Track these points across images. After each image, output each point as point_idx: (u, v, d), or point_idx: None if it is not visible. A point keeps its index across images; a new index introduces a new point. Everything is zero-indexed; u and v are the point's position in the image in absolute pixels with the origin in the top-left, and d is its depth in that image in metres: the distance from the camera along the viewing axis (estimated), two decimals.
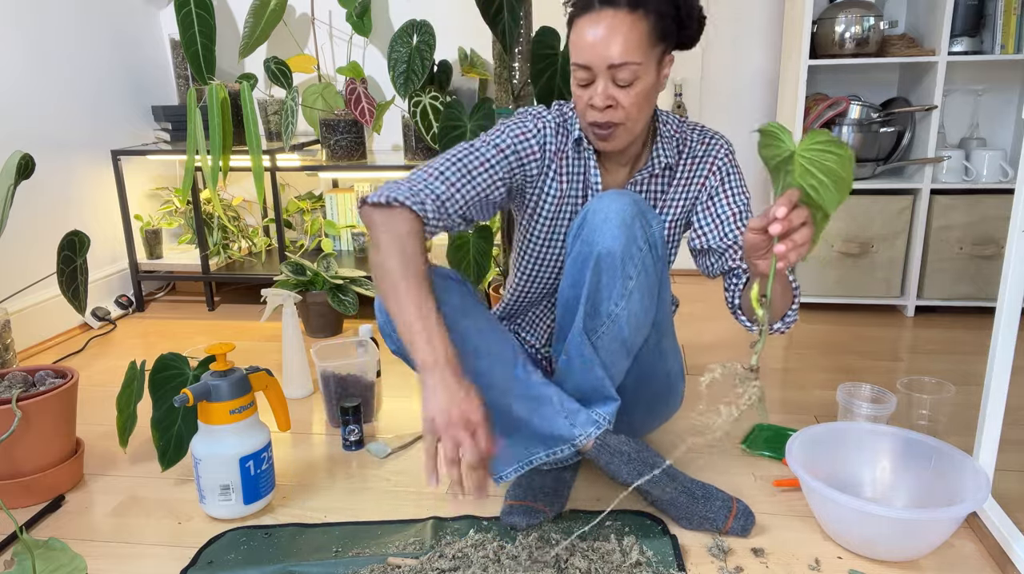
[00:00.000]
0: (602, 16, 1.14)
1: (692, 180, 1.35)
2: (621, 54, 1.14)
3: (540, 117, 1.30)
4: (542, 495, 1.30)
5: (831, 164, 0.95)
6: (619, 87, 1.17)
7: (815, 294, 2.43)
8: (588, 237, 1.18)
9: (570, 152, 1.31)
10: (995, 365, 1.15)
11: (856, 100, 2.34)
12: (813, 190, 0.97)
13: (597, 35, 1.14)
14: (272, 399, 1.42)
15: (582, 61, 1.17)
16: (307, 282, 2.24)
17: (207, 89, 1.92)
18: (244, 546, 1.25)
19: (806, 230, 0.98)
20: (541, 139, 1.28)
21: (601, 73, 1.16)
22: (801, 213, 0.97)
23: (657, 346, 1.34)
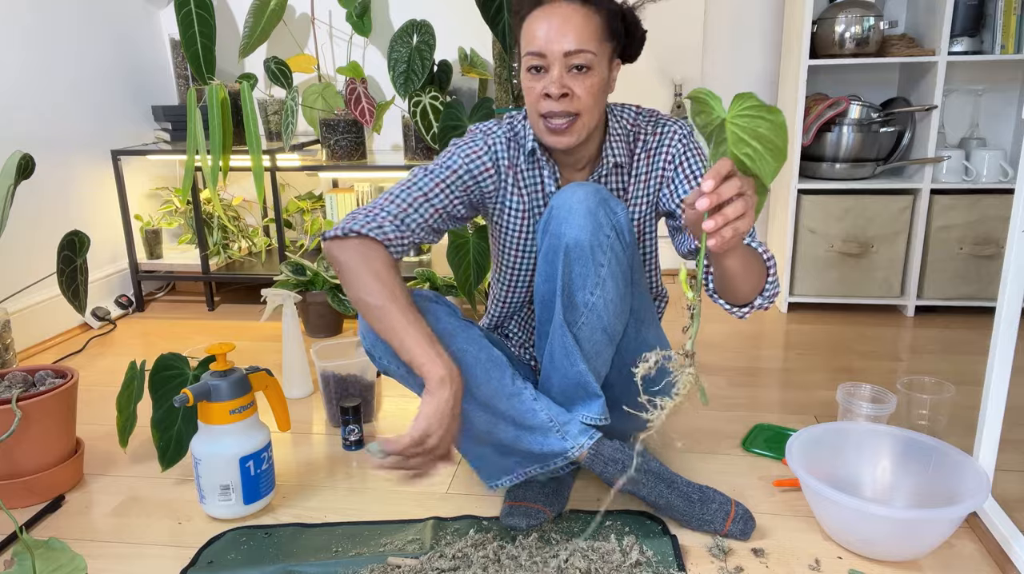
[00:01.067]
0: (556, 7, 1.17)
1: (651, 174, 1.35)
2: (576, 41, 1.16)
3: (490, 134, 1.32)
4: (542, 496, 1.30)
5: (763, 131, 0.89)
6: (574, 76, 1.18)
7: (815, 294, 2.43)
8: (555, 230, 1.19)
9: (523, 165, 1.32)
10: (995, 365, 1.15)
11: (856, 100, 2.34)
12: (748, 158, 0.91)
13: (552, 24, 1.16)
14: (272, 399, 1.42)
15: (536, 49, 1.18)
16: (307, 282, 2.24)
17: (207, 89, 1.92)
18: (244, 546, 1.25)
19: (740, 203, 0.92)
20: (492, 155, 1.31)
21: (556, 60, 1.17)
22: (732, 185, 0.91)
23: (637, 335, 1.33)
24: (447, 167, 1.28)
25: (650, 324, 1.36)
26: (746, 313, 1.29)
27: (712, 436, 1.61)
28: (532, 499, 1.29)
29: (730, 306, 1.30)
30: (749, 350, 2.13)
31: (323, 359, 1.70)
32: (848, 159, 2.34)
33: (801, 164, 2.39)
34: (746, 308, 1.28)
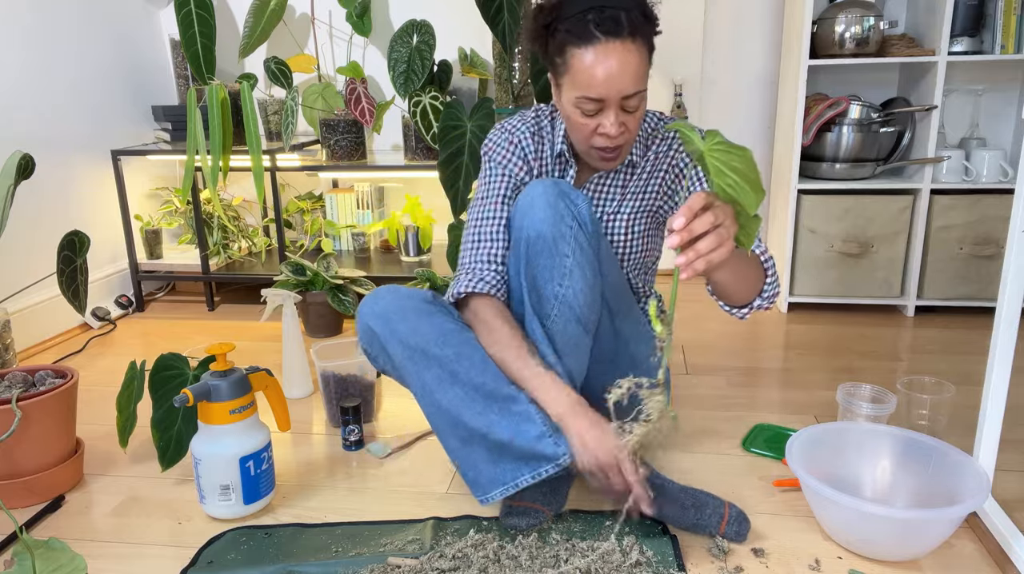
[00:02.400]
0: (610, 48, 1.16)
1: (654, 174, 1.39)
2: (634, 84, 1.18)
3: (515, 131, 1.39)
4: (540, 496, 1.30)
5: (736, 164, 0.92)
6: (627, 113, 1.23)
7: (815, 294, 2.43)
8: (519, 224, 1.22)
9: (548, 160, 1.39)
10: (995, 365, 1.15)
11: (856, 100, 2.34)
12: (731, 188, 0.93)
13: (610, 68, 1.16)
14: (272, 399, 1.42)
15: (595, 95, 1.19)
16: (307, 282, 2.24)
17: (207, 89, 1.92)
18: (244, 546, 1.25)
19: (713, 237, 0.93)
20: (522, 152, 1.37)
21: (613, 104, 1.20)
22: (705, 220, 0.93)
23: (612, 327, 1.33)
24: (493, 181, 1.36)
25: (626, 315, 1.36)
26: (746, 314, 1.30)
27: (712, 436, 1.61)
28: (531, 499, 1.29)
29: (729, 308, 1.31)
30: (749, 350, 2.13)
31: (323, 359, 1.70)
32: (848, 159, 2.34)
33: (801, 164, 2.39)
34: (745, 309, 1.30)
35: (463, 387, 1.20)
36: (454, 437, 1.24)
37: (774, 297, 1.28)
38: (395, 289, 1.28)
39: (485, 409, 1.20)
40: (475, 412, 1.20)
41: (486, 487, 1.24)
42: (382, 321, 1.25)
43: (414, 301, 1.25)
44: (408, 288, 1.29)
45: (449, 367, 1.20)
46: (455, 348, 1.21)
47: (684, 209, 0.92)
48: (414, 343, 1.22)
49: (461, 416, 1.21)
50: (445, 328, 1.23)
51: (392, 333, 1.23)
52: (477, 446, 1.23)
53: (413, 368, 1.23)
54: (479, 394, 1.20)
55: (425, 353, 1.21)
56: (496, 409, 1.20)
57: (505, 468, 1.22)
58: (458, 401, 1.20)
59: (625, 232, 1.41)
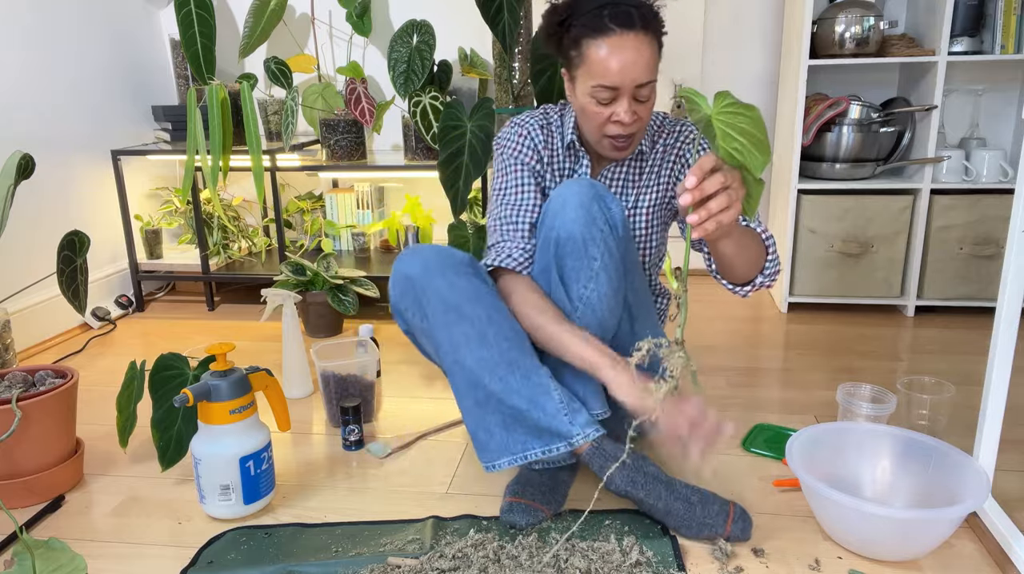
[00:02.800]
0: (625, 39, 1.22)
1: (663, 166, 1.43)
2: (647, 73, 1.24)
3: (524, 124, 1.43)
4: (540, 494, 1.30)
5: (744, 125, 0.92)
6: (639, 102, 1.27)
7: (815, 294, 2.43)
8: (550, 223, 1.24)
9: (559, 152, 1.42)
10: (995, 365, 1.15)
11: (856, 100, 2.34)
12: (737, 152, 0.94)
13: (625, 58, 1.22)
14: (272, 399, 1.42)
15: (611, 83, 1.24)
16: (307, 282, 2.24)
17: (207, 89, 1.92)
18: (244, 546, 1.25)
19: (723, 197, 0.96)
20: (532, 143, 1.41)
21: (627, 92, 1.25)
22: (715, 180, 0.95)
23: (631, 330, 1.35)
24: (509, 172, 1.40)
25: (645, 319, 1.37)
26: (748, 291, 1.32)
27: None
28: (531, 497, 1.30)
29: (732, 285, 1.33)
30: (749, 350, 2.13)
31: (323, 359, 1.70)
32: (848, 159, 2.34)
33: (801, 164, 2.39)
34: (748, 287, 1.32)
35: (489, 349, 1.21)
36: (471, 397, 1.24)
37: (775, 274, 1.30)
38: (436, 246, 1.30)
39: (507, 374, 1.21)
40: (497, 376, 1.20)
41: (495, 454, 1.24)
42: (422, 271, 1.25)
43: (454, 259, 1.26)
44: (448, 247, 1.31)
45: (479, 327, 1.21)
46: (488, 311, 1.22)
47: (695, 168, 0.94)
48: (450, 298, 1.22)
49: (482, 377, 1.21)
50: (481, 290, 1.24)
51: (429, 284, 1.24)
52: (492, 410, 1.22)
53: (444, 321, 1.22)
54: (504, 359, 1.21)
55: (459, 310, 1.22)
56: (518, 376, 1.21)
57: (516, 438, 1.23)
58: (482, 362, 1.21)
59: (646, 226, 1.44)
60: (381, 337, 2.26)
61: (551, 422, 1.21)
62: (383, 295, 2.34)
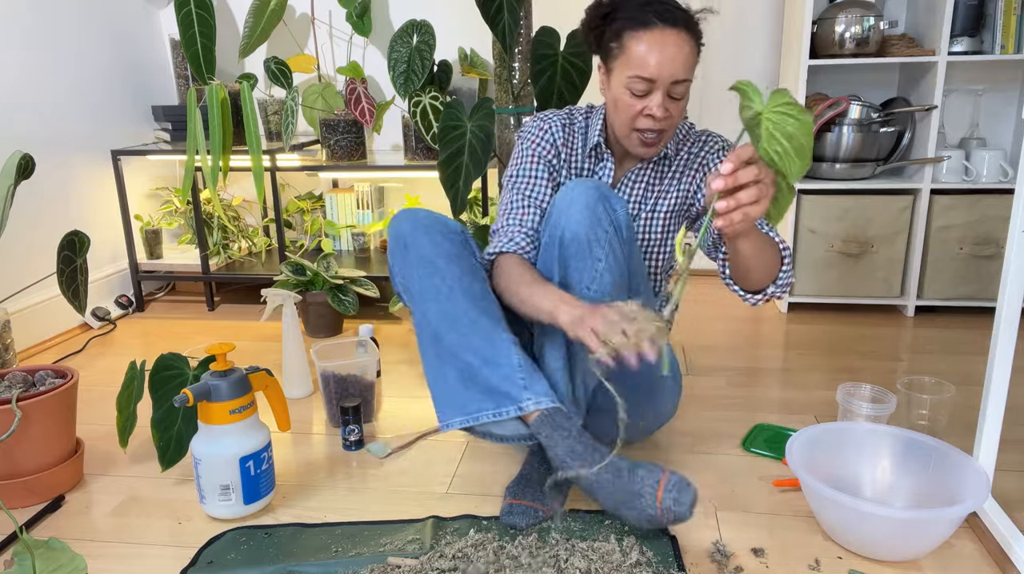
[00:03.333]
0: (667, 35, 1.24)
1: (685, 173, 1.43)
2: (685, 70, 1.26)
3: (546, 119, 1.44)
4: (541, 495, 1.30)
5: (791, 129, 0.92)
6: (673, 100, 1.28)
7: (815, 294, 2.43)
8: (555, 222, 1.24)
9: (579, 151, 1.43)
10: (995, 365, 1.15)
11: (856, 100, 2.34)
12: (777, 155, 0.94)
13: (665, 52, 1.24)
14: (272, 399, 1.42)
15: (648, 75, 1.25)
16: (307, 282, 2.24)
17: (207, 89, 1.92)
18: (244, 546, 1.25)
19: (754, 190, 0.96)
20: (552, 138, 1.42)
21: (662, 87, 1.26)
22: (750, 171, 0.95)
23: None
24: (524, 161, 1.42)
25: None
26: (759, 300, 1.32)
27: (712, 436, 1.61)
28: (531, 498, 1.30)
29: (744, 292, 1.33)
30: (749, 350, 2.13)
31: (323, 359, 1.70)
32: (848, 159, 2.34)
33: None
34: (759, 295, 1.31)
35: (455, 305, 1.24)
36: (432, 350, 1.26)
37: (787, 286, 1.30)
38: (433, 212, 1.34)
39: (469, 331, 1.23)
40: (458, 331, 1.23)
41: (449, 412, 1.25)
42: (411, 228, 1.29)
43: (445, 224, 1.31)
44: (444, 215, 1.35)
45: (450, 283, 1.25)
46: (462, 271, 1.26)
47: (732, 155, 0.95)
48: (429, 253, 1.27)
49: (445, 331, 1.24)
50: (463, 254, 1.29)
51: (415, 241, 1.28)
52: (450, 365, 1.24)
53: (419, 275, 1.27)
54: (468, 317, 1.23)
55: (434, 264, 1.26)
56: (480, 335, 1.23)
57: (471, 397, 1.23)
58: (446, 316, 1.24)
59: (661, 231, 1.44)
60: (381, 337, 2.26)
61: (503, 384, 1.21)
62: (383, 295, 2.34)
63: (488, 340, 1.23)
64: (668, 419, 1.53)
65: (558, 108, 1.89)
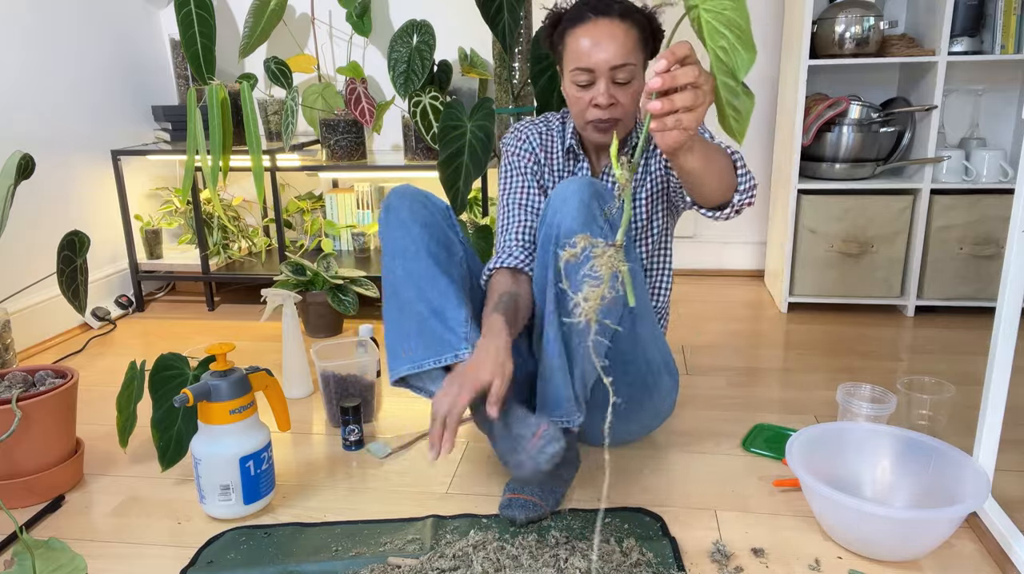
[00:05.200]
0: (599, 24, 1.29)
1: (651, 156, 1.47)
2: (622, 55, 1.28)
3: (523, 128, 1.51)
4: (539, 491, 1.31)
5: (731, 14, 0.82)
6: (618, 86, 1.31)
7: (815, 294, 2.43)
8: (550, 220, 1.26)
9: (558, 156, 1.49)
10: (995, 365, 1.15)
11: (856, 100, 2.34)
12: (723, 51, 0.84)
13: (598, 41, 1.28)
14: (272, 399, 1.42)
15: (585, 64, 1.30)
16: (307, 282, 2.24)
17: (207, 89, 1.92)
18: (244, 546, 1.25)
19: (690, 94, 0.89)
20: (530, 147, 1.49)
21: (603, 74, 1.30)
22: (688, 72, 0.88)
23: (632, 330, 1.36)
24: (511, 176, 1.49)
25: (644, 317, 1.38)
26: (728, 214, 1.27)
27: (712, 436, 1.61)
28: (530, 493, 1.30)
29: (710, 211, 1.28)
30: (749, 350, 2.13)
31: (323, 359, 1.70)
32: (848, 159, 2.34)
33: (801, 164, 2.39)
34: (727, 209, 1.26)
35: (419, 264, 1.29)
36: (394, 305, 1.32)
37: (751, 191, 1.24)
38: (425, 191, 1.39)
39: (427, 287, 1.28)
40: (417, 287, 1.28)
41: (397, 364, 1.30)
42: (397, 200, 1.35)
43: (430, 199, 1.37)
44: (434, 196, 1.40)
45: (419, 246, 1.30)
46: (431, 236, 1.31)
47: (667, 52, 0.88)
48: (406, 219, 1.33)
49: (404, 287, 1.29)
50: (441, 226, 1.34)
51: (398, 213, 1.34)
52: (407, 318, 1.29)
53: (393, 236, 1.32)
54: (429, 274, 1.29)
55: (407, 228, 1.32)
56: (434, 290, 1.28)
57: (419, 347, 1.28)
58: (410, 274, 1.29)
59: (646, 218, 1.47)
60: (381, 337, 2.26)
61: (446, 334, 1.26)
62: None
63: (442, 295, 1.28)
64: (666, 416, 1.53)
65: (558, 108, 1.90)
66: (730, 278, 2.85)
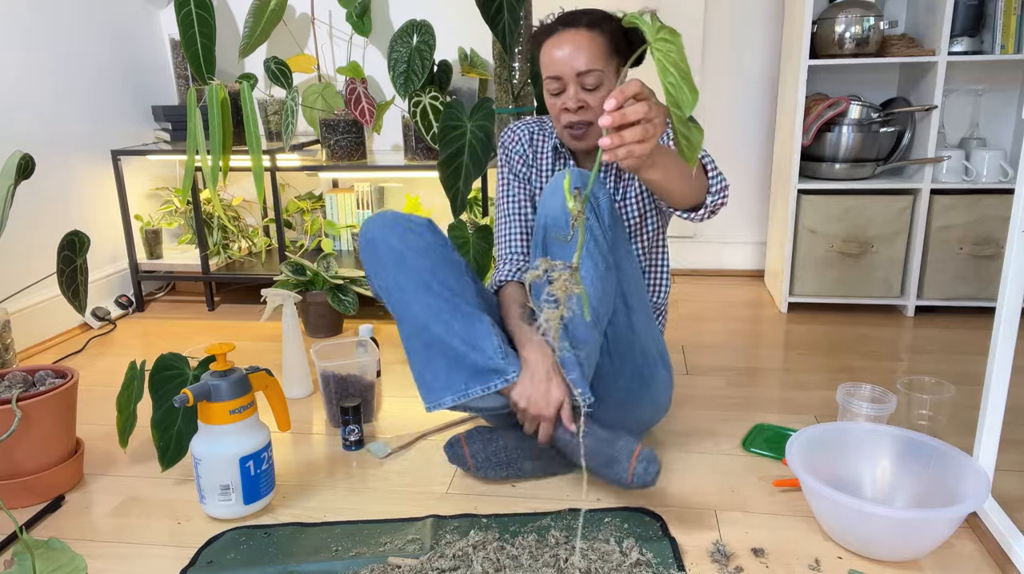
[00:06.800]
0: (565, 35, 1.35)
1: None
2: (587, 62, 1.33)
3: (516, 129, 1.56)
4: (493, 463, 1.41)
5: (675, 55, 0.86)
6: (587, 91, 1.36)
7: (815, 294, 2.43)
8: (541, 209, 1.31)
9: (547, 155, 1.53)
10: (995, 365, 1.15)
11: (856, 100, 2.34)
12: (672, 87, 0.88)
13: (564, 50, 1.34)
14: (272, 399, 1.42)
15: (553, 73, 1.36)
16: (307, 282, 2.24)
17: (207, 89, 1.92)
18: (244, 546, 1.25)
19: (639, 129, 0.94)
20: (521, 149, 1.54)
21: (571, 81, 1.35)
22: (637, 109, 0.94)
23: (627, 321, 1.37)
24: (506, 180, 1.55)
25: (640, 311, 1.39)
26: (703, 215, 1.32)
27: (712, 436, 1.61)
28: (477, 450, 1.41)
29: (685, 213, 1.33)
30: (749, 350, 2.13)
31: (323, 359, 1.70)
32: (848, 159, 2.34)
33: (801, 164, 2.39)
34: (701, 211, 1.31)
35: (435, 296, 1.29)
36: (419, 340, 1.32)
37: (723, 191, 1.30)
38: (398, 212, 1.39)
39: (451, 318, 1.29)
40: (441, 320, 1.29)
41: (438, 394, 1.32)
42: (379, 229, 1.35)
43: (410, 220, 1.36)
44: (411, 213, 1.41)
45: (424, 276, 1.30)
46: (433, 262, 1.32)
47: (617, 92, 0.93)
48: (399, 249, 1.32)
49: (428, 322, 1.29)
50: (432, 245, 1.34)
51: (384, 241, 1.35)
52: (437, 353, 1.30)
53: (394, 272, 1.32)
54: (448, 305, 1.29)
55: (405, 260, 1.32)
56: (461, 321, 1.29)
57: (459, 378, 1.30)
58: (428, 308, 1.30)
59: (638, 216, 1.49)
60: (381, 337, 2.26)
61: (489, 362, 1.28)
62: None
63: (469, 325, 1.29)
64: (664, 411, 1.53)
65: None
66: (730, 278, 2.85)
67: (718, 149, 2.75)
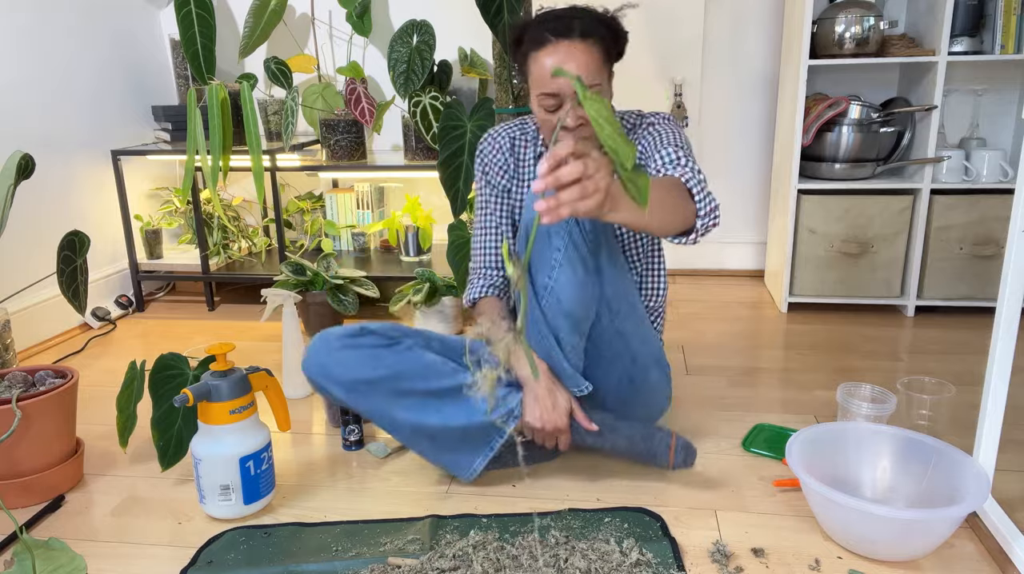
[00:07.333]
0: (560, 47, 1.25)
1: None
2: (587, 77, 1.25)
3: (496, 136, 1.52)
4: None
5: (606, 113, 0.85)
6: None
7: (815, 294, 2.43)
8: (524, 214, 1.32)
9: (532, 163, 1.50)
10: (995, 365, 1.15)
11: (856, 100, 2.34)
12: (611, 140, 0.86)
13: (559, 63, 1.24)
14: (272, 399, 1.42)
15: (550, 90, 1.27)
16: (307, 282, 2.24)
17: (207, 89, 1.92)
18: (244, 546, 1.25)
19: (576, 189, 0.88)
20: (502, 157, 1.50)
21: (569, 98, 1.27)
22: (572, 170, 0.88)
23: (612, 326, 1.35)
24: (483, 192, 1.52)
25: (627, 315, 1.37)
26: (694, 239, 1.26)
27: (712, 436, 1.61)
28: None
29: (675, 239, 1.27)
30: (749, 350, 2.13)
31: None
32: (848, 159, 2.34)
33: (801, 164, 2.39)
34: (692, 235, 1.26)
35: (411, 397, 1.31)
36: (424, 438, 1.35)
37: (713, 214, 1.23)
38: (322, 335, 1.37)
39: (438, 405, 1.31)
40: (429, 411, 1.32)
41: (468, 465, 1.37)
42: (316, 369, 1.34)
43: (341, 339, 1.34)
44: (337, 328, 1.37)
45: (391, 386, 1.31)
46: (390, 368, 1.31)
47: (548, 156, 0.89)
48: (348, 378, 1.33)
49: (420, 421, 1.32)
50: (375, 354, 1.33)
51: (327, 377, 1.33)
52: (444, 439, 1.34)
53: (360, 399, 1.34)
54: (430, 397, 1.32)
55: (358, 382, 1.32)
56: (449, 402, 1.32)
57: (476, 444, 1.35)
58: (412, 410, 1.32)
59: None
60: None
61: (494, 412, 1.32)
62: (383, 295, 2.34)
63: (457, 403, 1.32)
64: (662, 412, 1.53)
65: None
66: (730, 278, 2.85)
67: (718, 150, 2.76)
